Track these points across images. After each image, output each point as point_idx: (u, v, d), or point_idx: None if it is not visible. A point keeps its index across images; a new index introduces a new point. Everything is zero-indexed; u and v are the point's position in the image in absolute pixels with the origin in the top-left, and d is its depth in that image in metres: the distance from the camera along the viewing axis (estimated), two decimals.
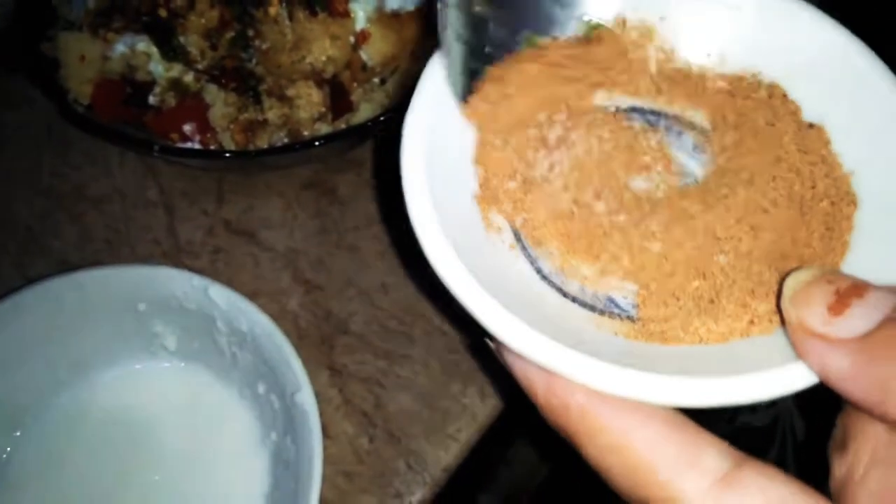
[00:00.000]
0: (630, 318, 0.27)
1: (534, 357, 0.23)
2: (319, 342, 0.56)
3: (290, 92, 0.51)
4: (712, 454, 0.21)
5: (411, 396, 0.53)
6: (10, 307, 0.47)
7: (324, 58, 0.50)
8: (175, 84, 0.52)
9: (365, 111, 0.52)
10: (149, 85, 0.53)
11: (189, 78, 0.52)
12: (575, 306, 0.27)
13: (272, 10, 0.50)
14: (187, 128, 0.51)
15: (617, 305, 0.28)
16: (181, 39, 0.51)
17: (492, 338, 0.24)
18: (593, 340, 0.26)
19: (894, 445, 0.21)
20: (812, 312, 0.21)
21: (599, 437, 0.22)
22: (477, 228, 0.27)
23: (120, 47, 0.52)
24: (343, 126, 0.52)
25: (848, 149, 0.29)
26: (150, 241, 0.61)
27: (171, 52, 0.52)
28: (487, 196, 0.28)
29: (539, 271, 0.28)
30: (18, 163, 0.65)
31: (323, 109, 0.52)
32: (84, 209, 0.63)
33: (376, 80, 0.54)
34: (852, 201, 0.28)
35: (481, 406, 0.52)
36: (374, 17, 0.51)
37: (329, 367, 0.54)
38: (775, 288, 0.26)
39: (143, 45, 0.52)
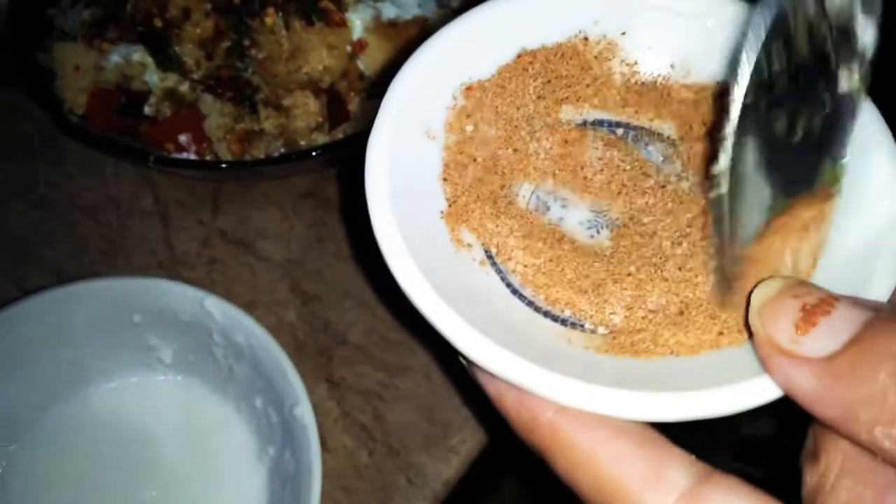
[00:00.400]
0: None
1: (503, 374, 0.23)
2: (317, 354, 0.55)
3: (287, 102, 0.51)
4: (677, 469, 0.21)
5: (411, 409, 0.52)
6: (4, 320, 0.46)
7: (320, 67, 0.50)
8: (170, 94, 0.52)
9: (364, 121, 0.52)
10: (144, 95, 0.52)
11: (184, 88, 0.52)
12: (546, 320, 0.28)
13: (268, 20, 0.49)
14: (183, 138, 0.51)
15: None
16: (176, 49, 0.51)
17: (464, 356, 0.24)
18: (564, 355, 0.26)
19: (864, 457, 0.21)
20: (779, 328, 0.21)
21: (568, 452, 0.22)
22: (445, 246, 0.27)
23: (115, 57, 0.52)
24: (340, 136, 0.52)
25: None
26: (146, 251, 0.61)
27: (167, 61, 0.51)
28: (455, 213, 0.28)
29: (510, 285, 0.28)
30: (12, 173, 0.65)
31: (320, 119, 0.52)
32: (79, 219, 0.62)
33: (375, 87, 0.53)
34: None
35: (483, 418, 0.52)
36: (371, 26, 0.51)
37: (327, 379, 0.54)
38: (745, 298, 0.25)
39: (139, 55, 0.52)
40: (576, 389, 0.22)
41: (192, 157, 0.52)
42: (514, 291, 0.28)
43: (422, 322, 0.25)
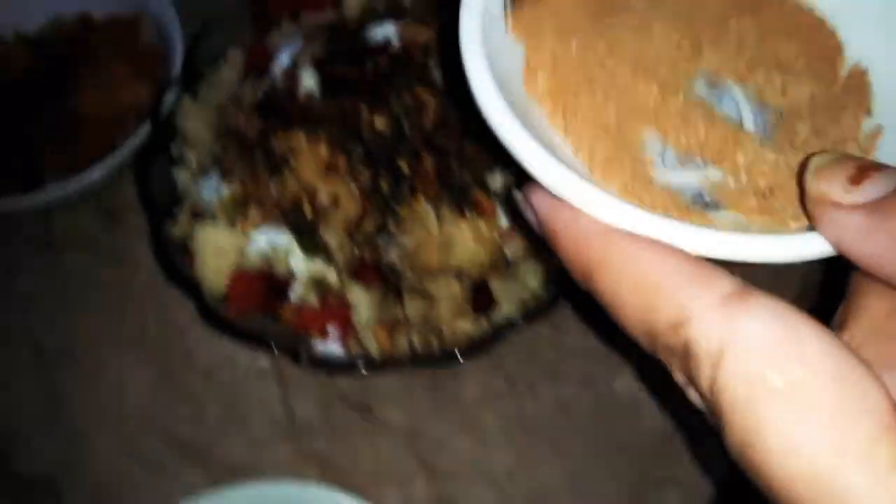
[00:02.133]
0: None
1: (563, 190, 0.23)
2: None
3: (431, 288, 0.50)
4: (725, 277, 0.22)
5: None
6: None
7: (470, 259, 0.49)
8: (317, 282, 0.51)
9: (507, 307, 0.51)
10: (287, 279, 0.51)
11: (331, 276, 0.51)
12: None
13: (418, 208, 0.49)
14: (331, 329, 0.50)
15: None
16: (322, 234, 0.50)
17: (521, 188, 0.25)
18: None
19: (892, 320, 0.22)
20: (832, 184, 0.22)
21: (616, 265, 0.23)
22: (521, 97, 0.28)
23: (259, 242, 0.51)
24: (484, 322, 0.51)
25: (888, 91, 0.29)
26: (265, 417, 0.59)
27: (313, 247, 0.50)
28: (532, 71, 0.29)
29: None
30: (124, 327, 0.63)
31: (464, 305, 0.51)
32: (193, 380, 0.61)
33: (519, 273, 0.52)
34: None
35: None
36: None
37: None
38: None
39: (284, 238, 0.51)
40: (631, 212, 0.23)
41: (339, 346, 0.50)
42: None
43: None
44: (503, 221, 0.50)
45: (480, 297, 0.51)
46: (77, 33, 0.69)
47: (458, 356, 0.47)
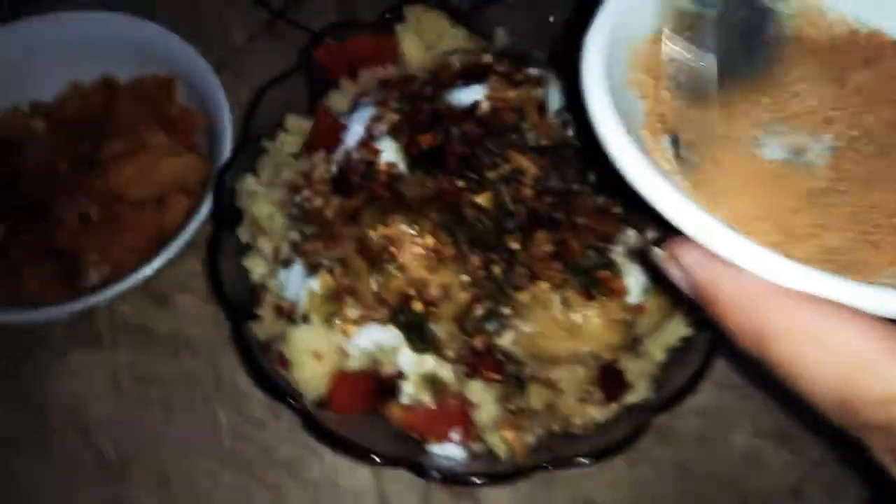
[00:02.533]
0: None
1: (734, 254, 0.22)
2: None
3: (554, 375, 0.45)
4: None
5: None
6: None
7: (600, 342, 0.44)
8: (430, 380, 0.46)
9: (641, 388, 0.47)
10: (396, 378, 0.46)
11: (445, 373, 0.46)
12: None
13: (540, 295, 0.44)
14: (454, 434, 0.45)
15: None
16: (432, 328, 0.45)
17: (663, 245, 0.25)
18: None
19: None
20: None
21: (800, 329, 0.22)
22: (641, 151, 0.27)
23: (363, 341, 0.46)
24: (616, 406, 0.47)
25: None
26: None
27: (423, 344, 0.45)
28: (652, 126, 0.28)
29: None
30: (191, 424, 0.58)
31: (591, 390, 0.46)
32: (279, 479, 0.56)
33: (645, 347, 0.48)
34: None
35: None
36: (650, 286, 0.46)
37: None
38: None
39: (389, 335, 0.45)
40: (812, 274, 0.22)
41: (459, 449, 0.46)
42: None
43: None
44: (632, 297, 0.46)
45: (611, 381, 0.46)
46: (100, 100, 0.63)
47: (597, 458, 0.43)
